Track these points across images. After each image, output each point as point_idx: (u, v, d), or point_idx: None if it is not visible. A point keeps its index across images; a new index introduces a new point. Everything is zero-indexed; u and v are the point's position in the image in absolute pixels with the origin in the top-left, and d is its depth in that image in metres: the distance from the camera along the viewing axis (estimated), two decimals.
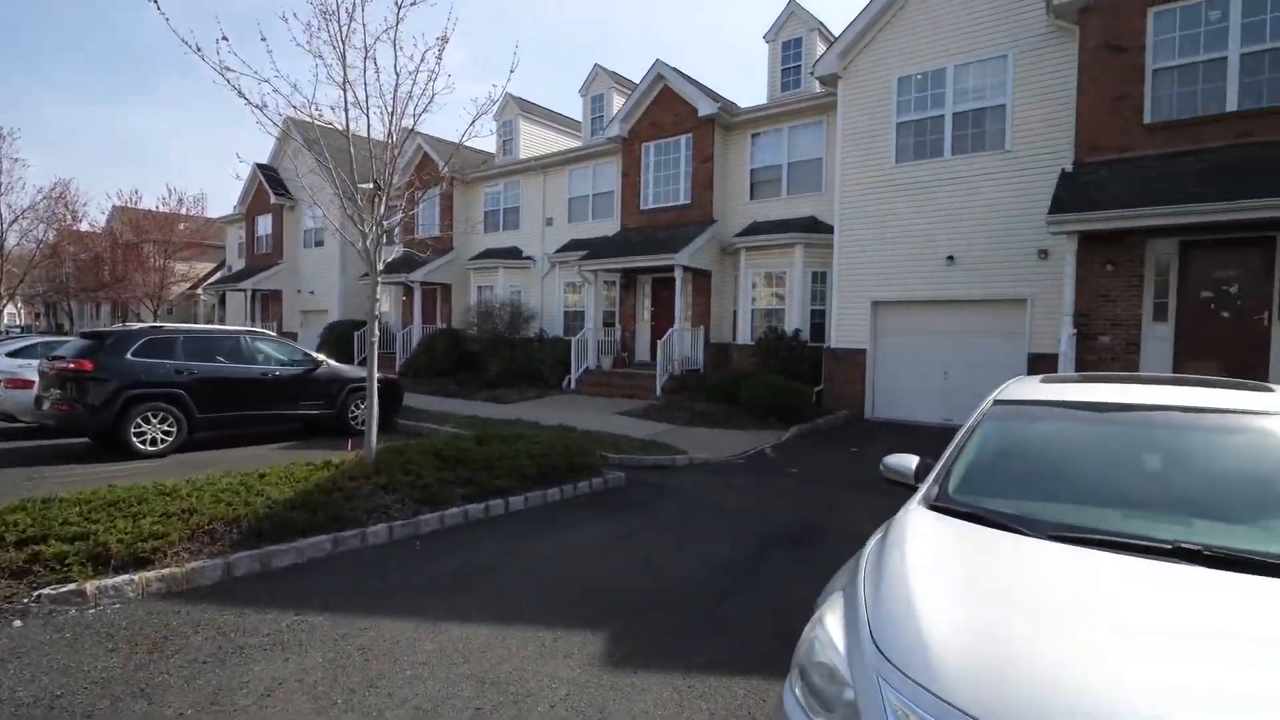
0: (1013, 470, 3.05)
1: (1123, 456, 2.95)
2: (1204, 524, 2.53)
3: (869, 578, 2.38)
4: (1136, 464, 2.91)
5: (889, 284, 12.34)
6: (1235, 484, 2.71)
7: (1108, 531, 2.42)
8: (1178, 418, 2.98)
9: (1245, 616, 1.93)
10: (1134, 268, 9.68)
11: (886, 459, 3.52)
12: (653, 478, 8.22)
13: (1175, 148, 9.27)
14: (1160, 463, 2.88)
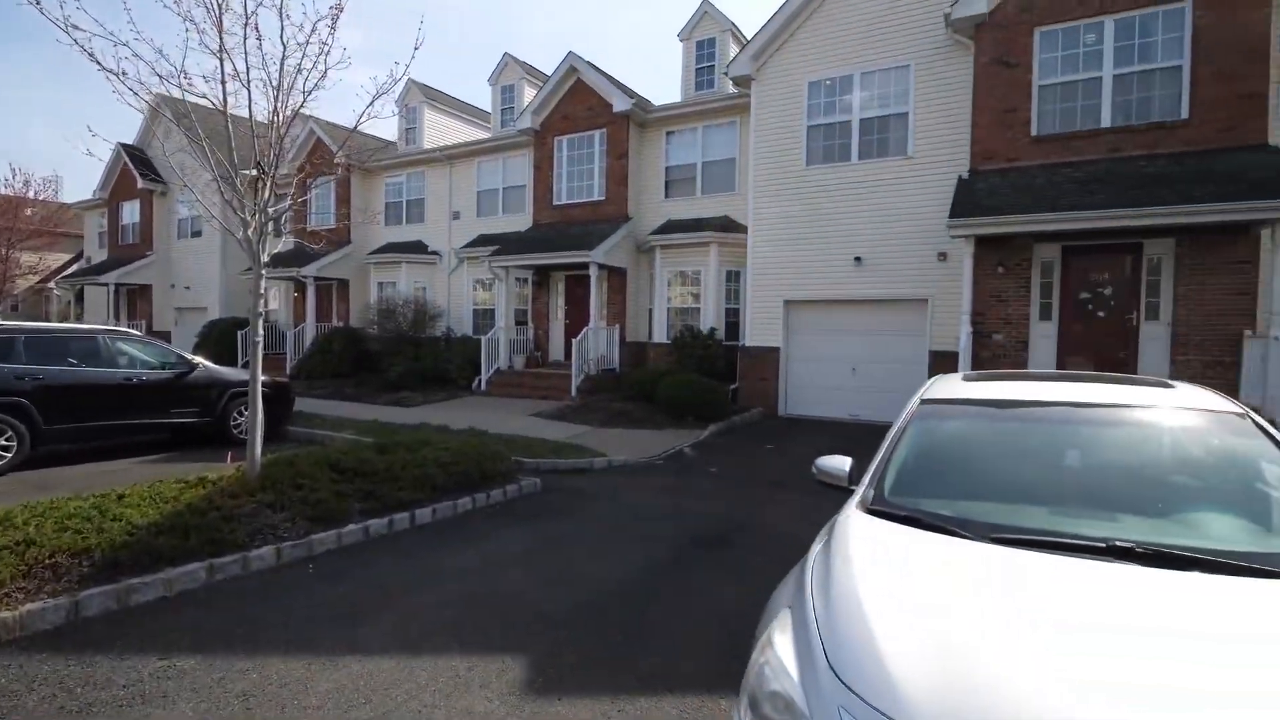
0: (944, 470, 3.03)
1: (1047, 453, 2.99)
2: (1129, 520, 2.58)
3: (817, 593, 2.24)
4: (1060, 461, 2.95)
5: (800, 284, 12.59)
6: (1151, 479, 2.78)
7: (1042, 531, 2.43)
8: (1096, 414, 3.06)
9: (1190, 614, 1.95)
10: (1023, 271, 10.31)
11: (819, 461, 3.41)
12: (571, 482, 7.91)
13: (1059, 159, 9.94)
14: (1081, 459, 2.93)
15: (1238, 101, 8.89)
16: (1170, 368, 9.38)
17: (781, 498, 7.28)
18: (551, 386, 14.52)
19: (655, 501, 7.04)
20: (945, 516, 2.58)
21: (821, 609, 2.12)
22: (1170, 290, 9.43)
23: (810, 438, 10.88)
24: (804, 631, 2.08)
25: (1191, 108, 9.15)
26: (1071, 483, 2.82)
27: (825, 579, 2.29)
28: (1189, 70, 9.15)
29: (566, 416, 11.96)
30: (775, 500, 7.18)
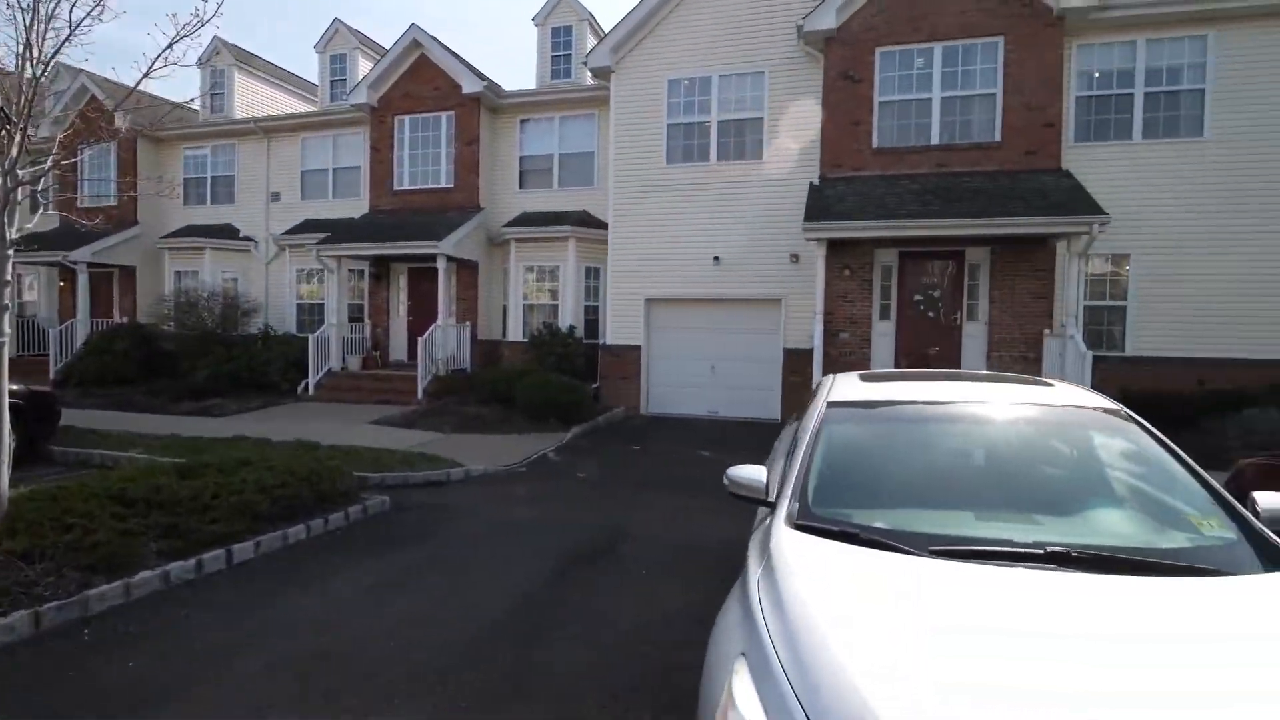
0: (863, 477, 2.91)
1: (957, 455, 3.00)
2: (1047, 520, 2.59)
3: (777, 636, 1.91)
4: (970, 462, 2.95)
5: (662, 282, 12.51)
6: (1052, 477, 2.83)
7: (976, 540, 2.32)
8: (994, 414, 3.07)
9: (1155, 618, 1.93)
10: (866, 273, 10.98)
11: (732, 471, 3.10)
12: (426, 497, 7.06)
13: (896, 171, 10.70)
14: (988, 459, 2.93)
15: (1039, 129, 10.08)
16: (986, 363, 10.45)
17: (657, 500, 7.00)
18: (394, 389, 13.22)
19: (524, 514, 6.43)
20: (882, 530, 2.39)
21: (788, 657, 1.81)
22: (986, 294, 10.51)
23: (675, 436, 10.81)
24: (771, 685, 1.78)
25: (1003, 132, 10.24)
26: (985, 484, 2.79)
27: (779, 617, 1.98)
28: (1001, 98, 10.24)
29: (414, 422, 10.87)
30: (651, 504, 6.89)
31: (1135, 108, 10.11)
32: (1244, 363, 9.79)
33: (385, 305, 15.68)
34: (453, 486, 7.62)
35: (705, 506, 6.81)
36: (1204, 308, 9.95)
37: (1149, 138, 10.09)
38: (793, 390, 11.75)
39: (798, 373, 11.68)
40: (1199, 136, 9.90)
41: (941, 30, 10.44)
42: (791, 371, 11.76)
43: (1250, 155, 9.69)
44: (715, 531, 5.98)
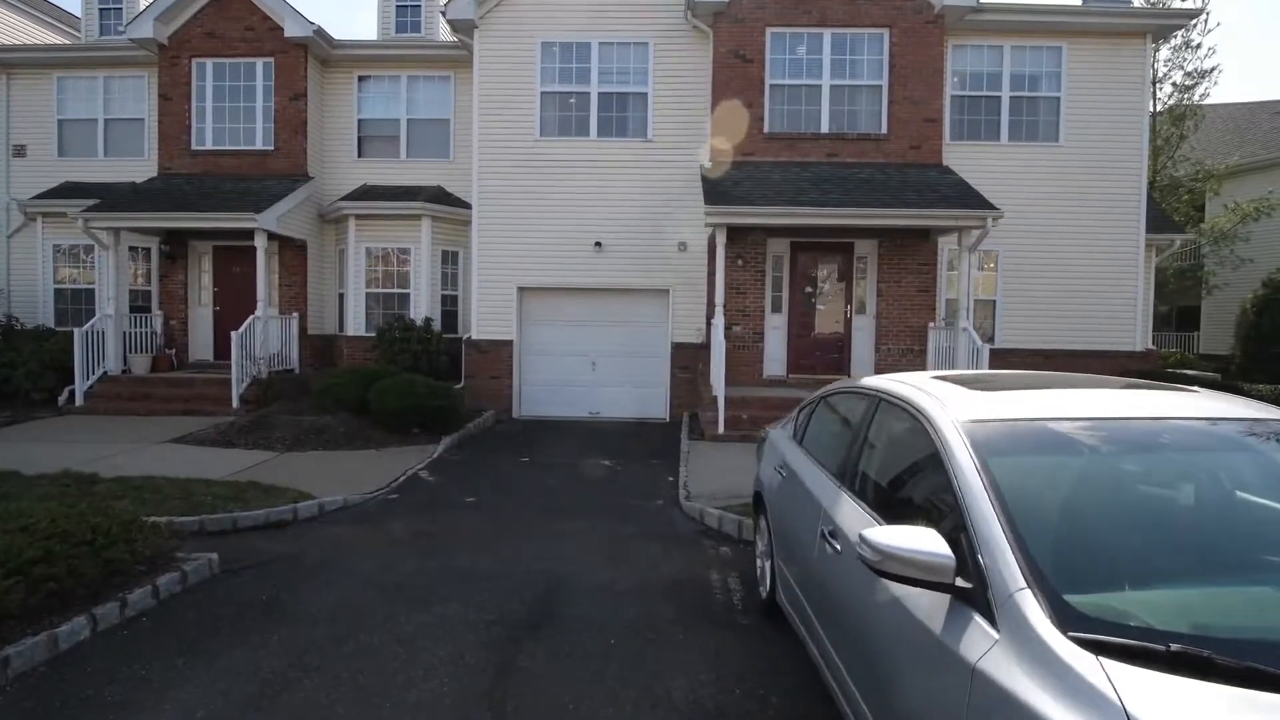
0: (1085, 536, 1.95)
1: (1165, 495, 2.16)
2: None
3: None
4: (1183, 503, 2.15)
5: (536, 268, 11.18)
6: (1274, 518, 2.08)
7: None
8: (1172, 435, 2.32)
9: None
10: (758, 264, 10.53)
11: (886, 542, 1.92)
12: (268, 546, 5.28)
13: (788, 158, 10.33)
14: (1197, 497, 2.17)
15: (922, 124, 10.22)
16: (875, 355, 10.47)
17: (578, 530, 5.83)
18: (200, 397, 10.61)
19: (414, 565, 4.94)
20: (1229, 645, 1.44)
21: None
22: (874, 287, 10.52)
23: (562, 443, 9.62)
24: None
25: (889, 124, 10.26)
26: (1220, 536, 2.00)
27: None
28: (887, 90, 10.24)
29: (233, 439, 8.63)
30: (573, 534, 5.70)
31: (1002, 110, 10.63)
32: (1095, 354, 10.69)
33: (183, 292, 12.67)
34: (304, 527, 5.85)
35: (639, 533, 5.80)
36: (1060, 303, 10.72)
37: (1014, 140, 10.65)
38: (681, 387, 11.05)
39: (687, 368, 11.01)
40: (1055, 141, 10.62)
41: (831, 16, 10.22)
42: (680, 367, 11.05)
43: (1096, 160, 10.57)
44: (670, 567, 4.98)
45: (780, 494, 3.81)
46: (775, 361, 10.66)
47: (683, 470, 7.73)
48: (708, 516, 6.06)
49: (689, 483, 7.17)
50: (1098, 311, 10.75)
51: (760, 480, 4.40)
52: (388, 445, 8.83)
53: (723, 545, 5.53)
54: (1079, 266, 10.69)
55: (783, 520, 3.69)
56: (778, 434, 4.42)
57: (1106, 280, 10.71)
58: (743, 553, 5.27)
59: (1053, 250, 10.66)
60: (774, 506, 3.92)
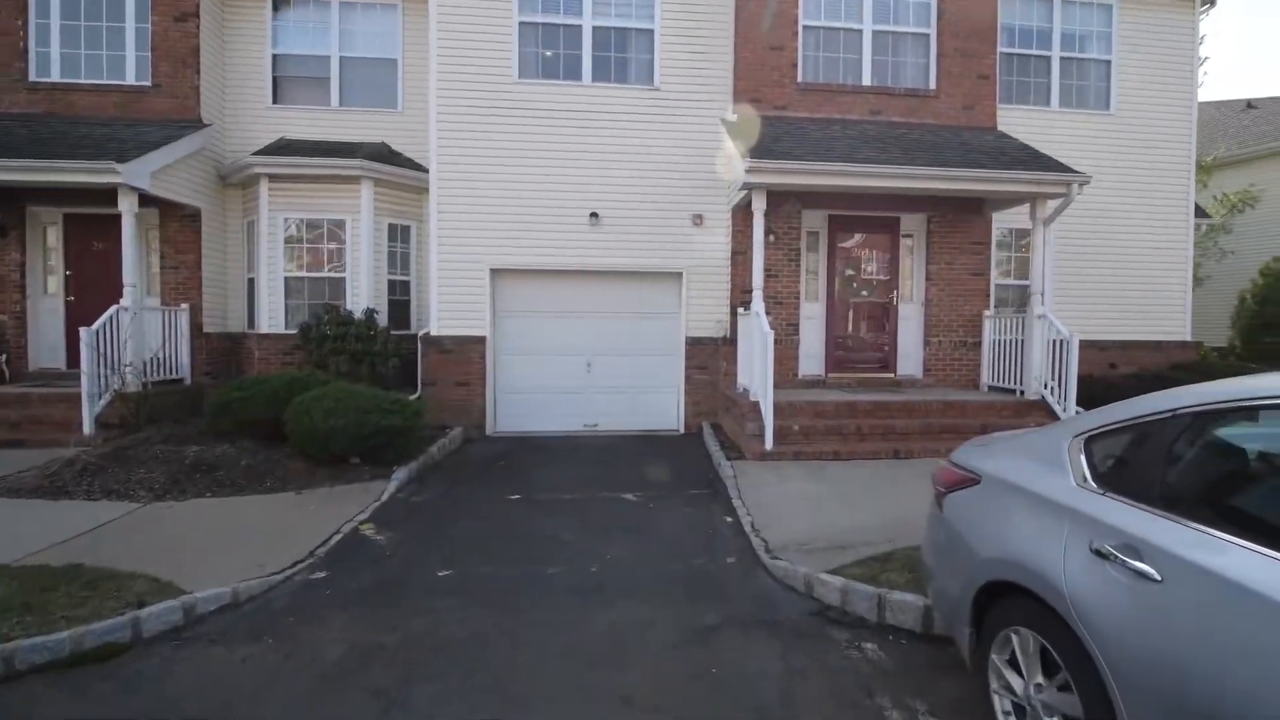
0: None
1: None
2: None
3: None
4: None
5: (514, 246, 8.89)
6: None
7: None
8: None
9: None
10: (792, 241, 8.78)
11: None
12: (95, 687, 2.86)
13: (826, 114, 8.68)
14: None
15: (975, 81, 8.85)
16: (924, 350, 8.95)
17: (636, 625, 3.80)
18: (36, 419, 7.59)
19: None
20: None
21: None
22: (923, 270, 9.01)
23: (558, 468, 7.40)
24: None
25: (939, 80, 8.83)
26: None
27: None
28: (935, 40, 8.81)
29: (71, 485, 5.89)
30: (632, 636, 3.67)
31: (1053, 72, 9.46)
32: (1148, 345, 9.68)
33: (19, 277, 9.36)
34: (149, 656, 3.39)
35: (727, 624, 3.84)
36: (1113, 289, 9.65)
37: (1065, 106, 9.50)
38: (698, 391, 9.09)
39: (705, 368, 9.06)
40: (1106, 110, 9.56)
41: None
42: (697, 367, 9.09)
43: (1148, 132, 9.60)
44: (811, 695, 3.03)
45: (1144, 611, 1.90)
46: (812, 358, 8.92)
47: (739, 506, 5.77)
48: (820, 587, 4.11)
49: (760, 526, 5.22)
50: (1150, 299, 9.78)
51: (1023, 565, 2.36)
52: (314, 484, 6.34)
53: (865, 639, 3.62)
54: (1132, 250, 9.68)
55: (1169, 670, 1.80)
56: (1015, 472, 2.60)
57: (1158, 265, 9.76)
58: (910, 655, 3.45)
59: (1105, 231, 9.58)
60: (1118, 637, 1.96)
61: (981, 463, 2.82)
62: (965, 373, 8.95)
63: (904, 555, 4.45)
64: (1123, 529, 2.04)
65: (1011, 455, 2.72)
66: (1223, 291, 13.17)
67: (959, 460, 2.99)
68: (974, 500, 2.73)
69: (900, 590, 3.88)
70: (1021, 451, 2.70)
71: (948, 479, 2.95)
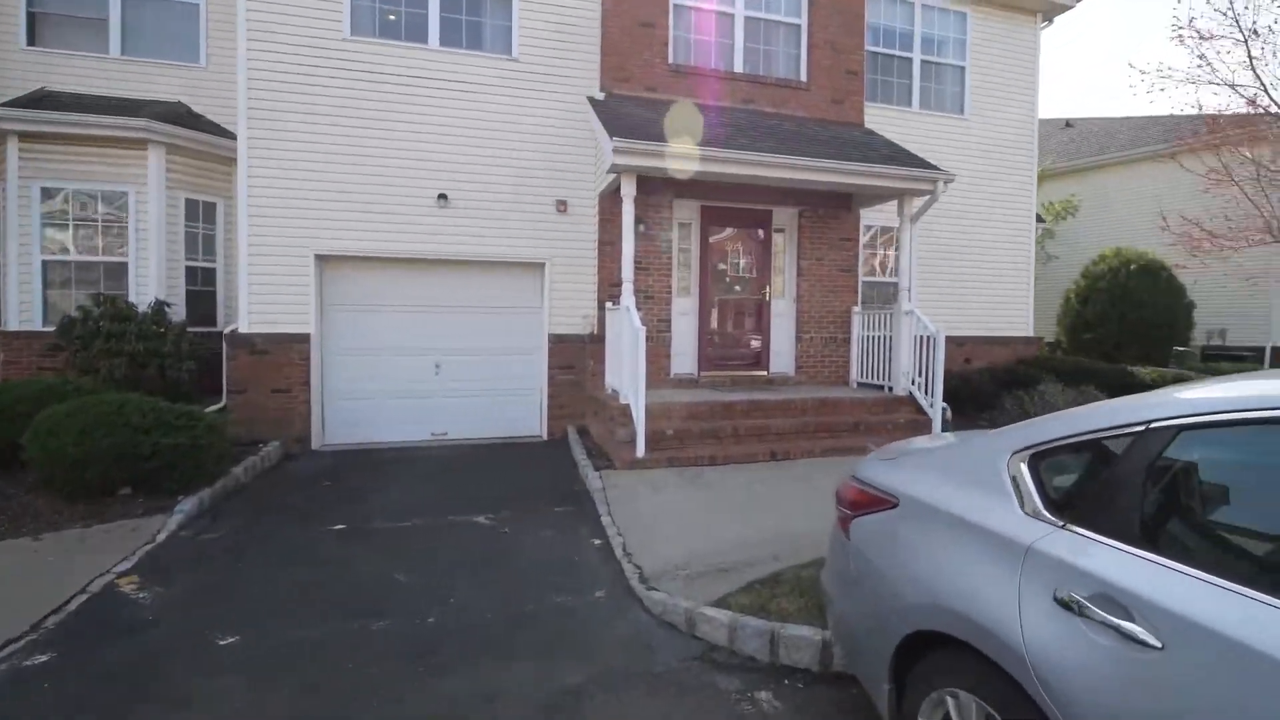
0: None
1: None
2: None
3: None
4: None
5: (346, 229, 7.63)
6: None
7: None
8: None
9: None
10: (663, 231, 8.19)
11: None
12: None
13: (700, 99, 8.18)
14: None
15: (844, 77, 8.73)
16: (796, 346, 8.70)
17: (488, 695, 2.99)
18: None
19: None
20: None
21: None
22: (794, 265, 8.75)
23: (399, 487, 6.32)
24: None
25: (810, 72, 8.62)
26: None
27: None
28: (807, 31, 8.60)
29: None
30: (481, 711, 2.85)
31: (914, 74, 9.59)
32: (999, 341, 10.07)
33: None
34: None
35: (597, 682, 3.14)
36: (968, 287, 9.95)
37: (924, 108, 9.67)
38: (563, 392, 8.28)
39: (570, 368, 8.27)
40: (961, 114, 9.84)
41: None
42: (561, 366, 8.27)
43: (996, 138, 9.99)
44: None
45: (1135, 685, 1.38)
46: (685, 357, 8.38)
47: (609, 525, 5.06)
48: (704, 624, 3.49)
49: (632, 549, 4.54)
50: (1000, 297, 10.20)
51: (963, 615, 1.79)
52: (62, 525, 4.92)
53: (757, 685, 3.06)
54: (983, 249, 10.04)
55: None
56: (942, 495, 2.07)
57: (1007, 264, 10.20)
58: (810, 701, 2.92)
59: (959, 231, 9.87)
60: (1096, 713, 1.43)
61: (897, 481, 2.25)
62: (835, 369, 8.80)
63: (793, 576, 3.93)
64: (1098, 574, 1.48)
65: (933, 474, 2.17)
66: (1048, 292, 14.28)
67: (867, 477, 2.42)
68: (891, 528, 2.15)
69: (794, 622, 3.34)
70: (945, 470, 2.16)
71: (855, 499, 2.36)
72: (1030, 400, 8.23)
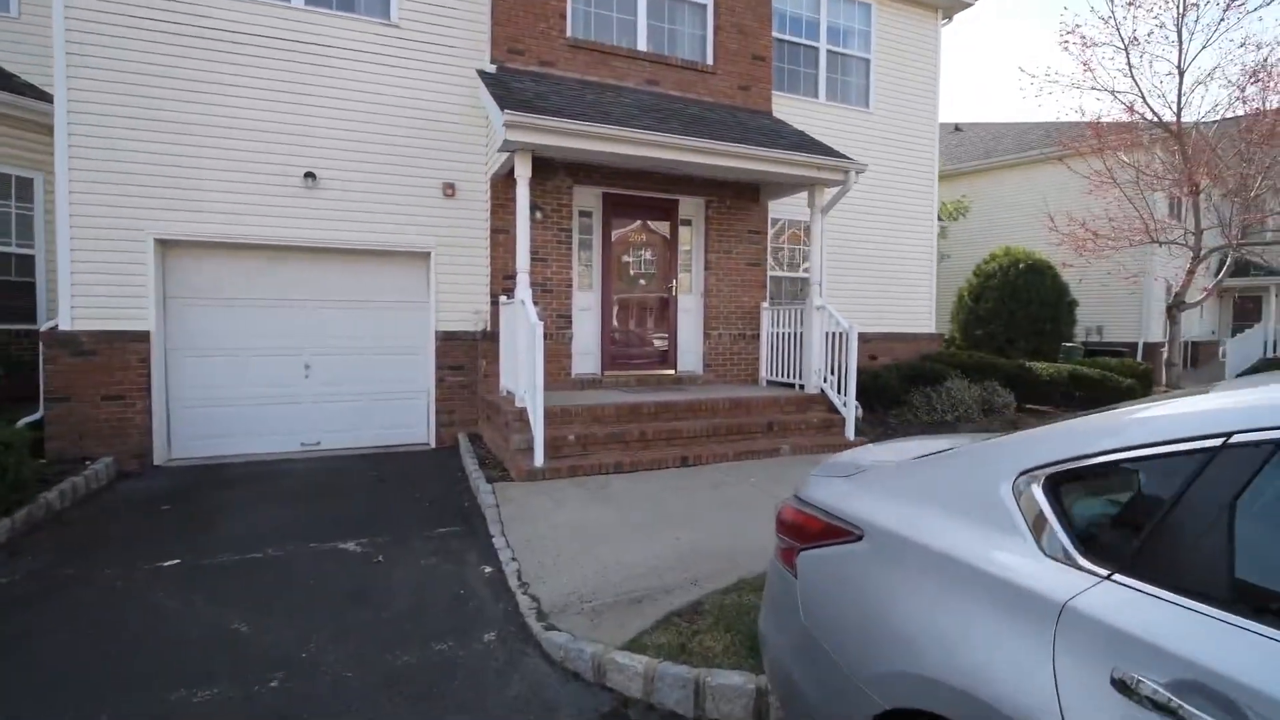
0: None
1: None
2: None
3: None
4: None
5: (194, 211, 6.60)
6: None
7: None
8: None
9: None
10: (563, 220, 7.62)
11: None
12: None
13: (599, 77, 7.66)
14: None
15: (751, 62, 8.43)
16: (704, 343, 8.35)
17: None
18: None
19: None
20: None
21: None
22: (702, 258, 8.39)
23: (256, 509, 5.48)
24: None
25: (716, 55, 8.26)
26: None
27: None
28: (713, 11, 8.22)
29: None
30: None
31: (820, 64, 9.41)
32: (904, 337, 10.09)
33: None
34: None
35: None
36: (874, 283, 9.91)
37: (831, 99, 9.52)
38: (454, 395, 7.57)
39: (460, 368, 7.57)
40: (866, 107, 9.77)
41: None
42: (451, 366, 7.54)
43: (900, 134, 9.99)
44: None
45: None
46: (587, 355, 7.85)
47: (503, 548, 4.45)
48: (616, 673, 2.97)
49: (530, 578, 3.96)
50: (904, 293, 10.24)
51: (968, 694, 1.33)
52: None
53: None
54: (887, 245, 10.04)
55: None
56: (925, 528, 1.63)
57: (910, 259, 10.25)
58: None
59: (864, 226, 9.81)
60: None
61: (860, 507, 1.79)
62: (745, 367, 8.51)
63: (715, 605, 3.47)
64: (1180, 653, 1.05)
65: (909, 498, 1.72)
66: (940, 290, 14.66)
67: (819, 499, 1.94)
68: (856, 568, 1.70)
69: (721, 666, 2.89)
70: (924, 493, 1.70)
71: (803, 526, 1.90)
72: (938, 397, 8.23)
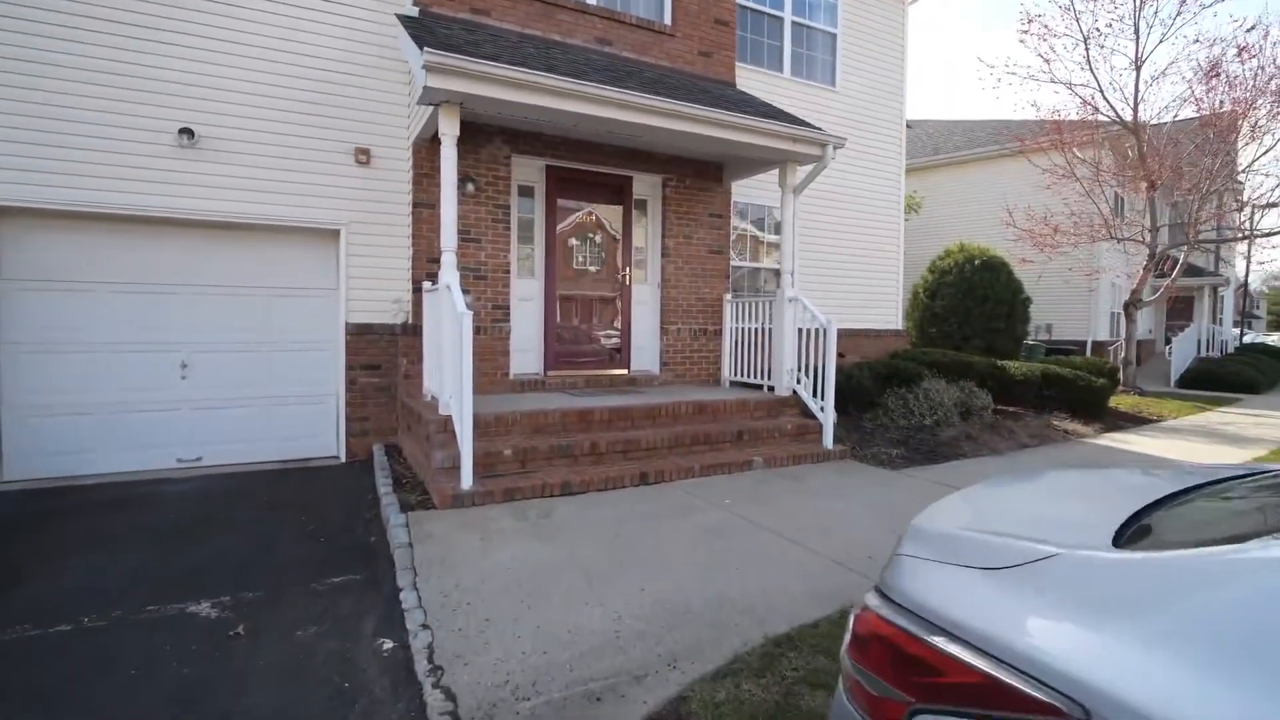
0: None
1: None
2: None
3: None
4: None
5: (39, 173, 5.24)
6: None
7: None
8: None
9: None
10: (500, 195, 6.56)
11: None
12: None
13: (543, 31, 6.64)
14: None
15: (713, 26, 7.58)
16: (662, 339, 7.45)
17: None
18: None
19: None
20: None
21: None
22: (659, 243, 7.48)
23: (98, 556, 4.23)
24: None
25: (674, 16, 7.37)
26: None
27: None
28: None
29: None
30: None
31: (785, 36, 8.65)
32: (870, 333, 9.46)
33: None
34: None
35: None
36: (842, 276, 9.24)
37: (796, 75, 8.78)
38: (369, 399, 6.41)
39: (378, 368, 6.42)
40: (831, 85, 9.08)
41: None
42: (365, 365, 6.38)
43: (866, 116, 9.35)
44: None
45: None
46: (528, 353, 6.82)
47: (413, 608, 3.31)
48: None
49: (444, 655, 2.88)
50: (870, 286, 9.63)
51: None
52: None
53: None
54: (857, 235, 9.40)
55: None
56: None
57: (877, 254, 9.65)
58: None
59: (830, 215, 9.13)
60: None
61: (1068, 653, 0.89)
62: (706, 366, 7.66)
63: (707, 704, 2.48)
64: None
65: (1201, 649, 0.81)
66: None
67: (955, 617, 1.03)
68: None
69: None
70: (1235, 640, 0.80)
71: (924, 663, 0.98)
72: (915, 399, 7.58)
